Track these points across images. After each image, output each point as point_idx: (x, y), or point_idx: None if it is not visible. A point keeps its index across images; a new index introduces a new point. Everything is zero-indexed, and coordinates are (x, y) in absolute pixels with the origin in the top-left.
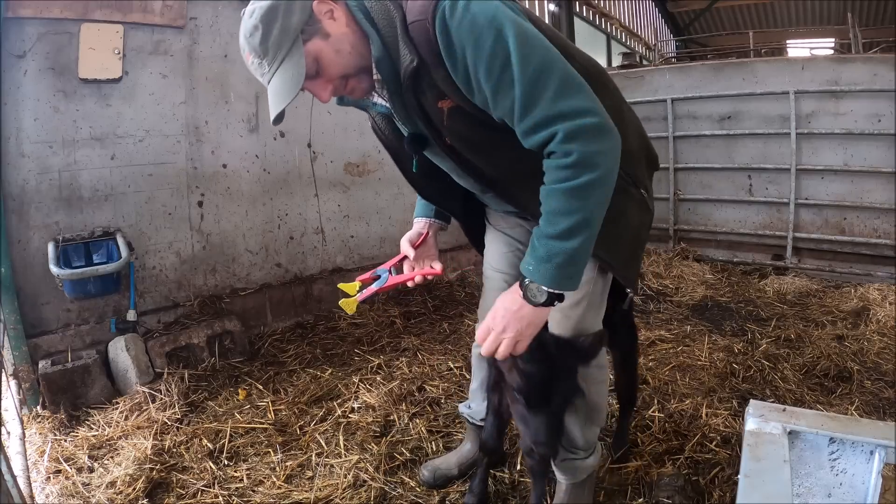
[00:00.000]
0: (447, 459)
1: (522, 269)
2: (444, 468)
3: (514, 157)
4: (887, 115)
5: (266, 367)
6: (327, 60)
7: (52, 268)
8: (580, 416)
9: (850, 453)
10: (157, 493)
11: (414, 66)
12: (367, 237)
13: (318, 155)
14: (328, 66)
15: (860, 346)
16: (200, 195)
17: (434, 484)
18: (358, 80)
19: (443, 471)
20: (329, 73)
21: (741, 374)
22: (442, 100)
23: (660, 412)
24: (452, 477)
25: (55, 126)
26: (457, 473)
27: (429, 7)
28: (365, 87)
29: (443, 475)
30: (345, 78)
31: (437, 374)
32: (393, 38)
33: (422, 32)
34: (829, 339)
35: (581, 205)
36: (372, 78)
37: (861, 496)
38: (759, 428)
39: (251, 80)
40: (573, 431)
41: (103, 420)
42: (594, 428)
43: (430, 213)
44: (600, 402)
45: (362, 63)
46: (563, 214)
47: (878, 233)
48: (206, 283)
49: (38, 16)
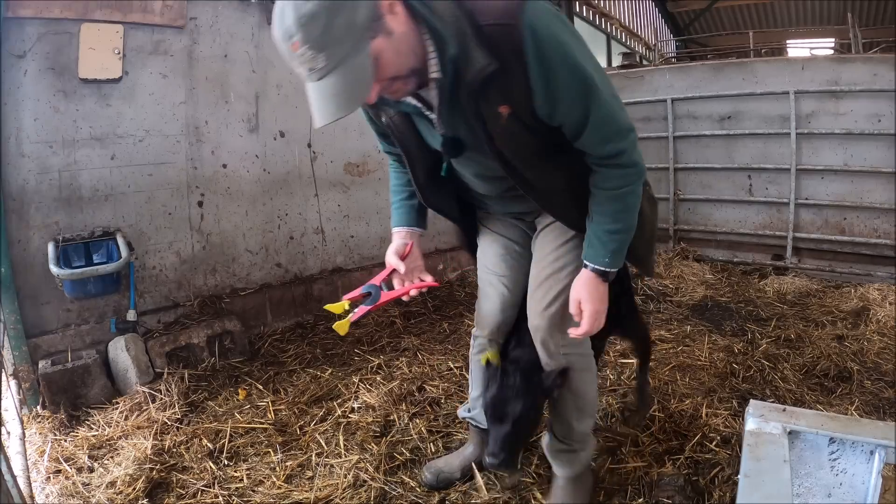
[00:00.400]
0: (450, 462)
1: (584, 256)
2: (447, 471)
3: (553, 167)
4: (887, 115)
5: (266, 367)
6: (385, 61)
7: (52, 268)
8: (570, 406)
9: (850, 453)
10: (157, 493)
11: (491, 71)
12: (367, 237)
13: (318, 155)
14: (385, 66)
15: (860, 346)
16: (200, 195)
17: (436, 486)
18: (405, 81)
19: (445, 473)
20: (382, 74)
21: (741, 374)
22: (503, 105)
23: (660, 412)
24: (455, 480)
25: (55, 126)
26: (459, 476)
27: (514, 10)
28: (410, 88)
29: (445, 478)
30: (394, 79)
31: (437, 374)
32: (461, 38)
33: (503, 35)
34: (829, 339)
35: (634, 203)
36: (419, 79)
37: (861, 496)
38: (759, 428)
39: (251, 80)
40: (569, 421)
41: (103, 420)
42: (585, 420)
43: (412, 222)
44: (587, 390)
45: (416, 65)
46: (623, 212)
47: (878, 233)
48: (206, 283)
49: (38, 16)
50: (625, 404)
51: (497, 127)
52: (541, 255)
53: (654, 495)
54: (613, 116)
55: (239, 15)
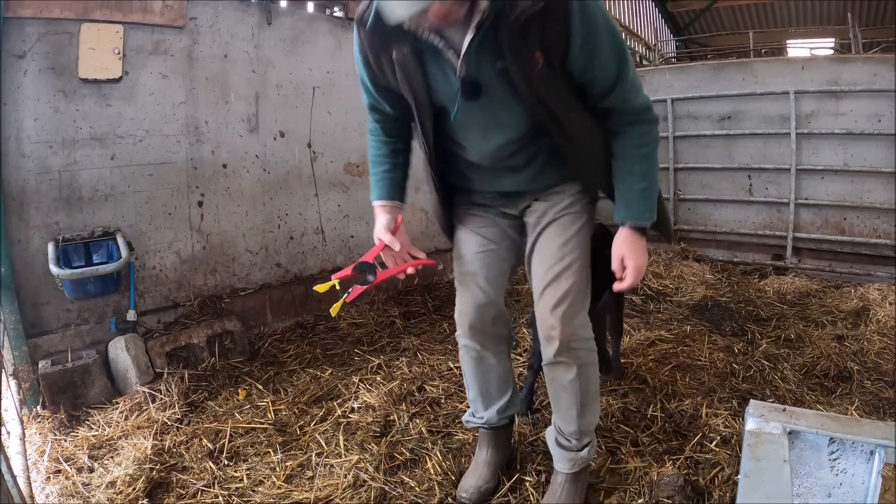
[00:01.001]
0: (481, 474)
1: (623, 217)
2: (485, 486)
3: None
4: (887, 115)
5: (266, 367)
6: None
7: (52, 268)
8: (574, 401)
9: (850, 453)
10: (157, 493)
11: (538, 9)
12: (367, 237)
13: (318, 155)
14: None
15: (860, 346)
16: (200, 195)
17: (480, 500)
18: (460, 5)
19: (485, 489)
20: None
21: (741, 374)
22: (539, 51)
23: (660, 412)
24: (493, 488)
25: (55, 126)
26: (496, 484)
27: None
28: (459, 15)
29: (487, 491)
30: None
31: (437, 374)
32: None
33: None
34: (829, 339)
35: (657, 160)
36: (467, 7)
37: (861, 496)
38: (759, 428)
39: (251, 80)
40: (573, 416)
41: (103, 420)
42: (589, 416)
43: (396, 195)
44: (590, 386)
45: None
46: (650, 169)
47: (878, 233)
48: (206, 283)
49: (38, 16)
50: None
51: (534, 71)
52: (546, 255)
53: (653, 495)
54: (637, 79)
55: (239, 15)
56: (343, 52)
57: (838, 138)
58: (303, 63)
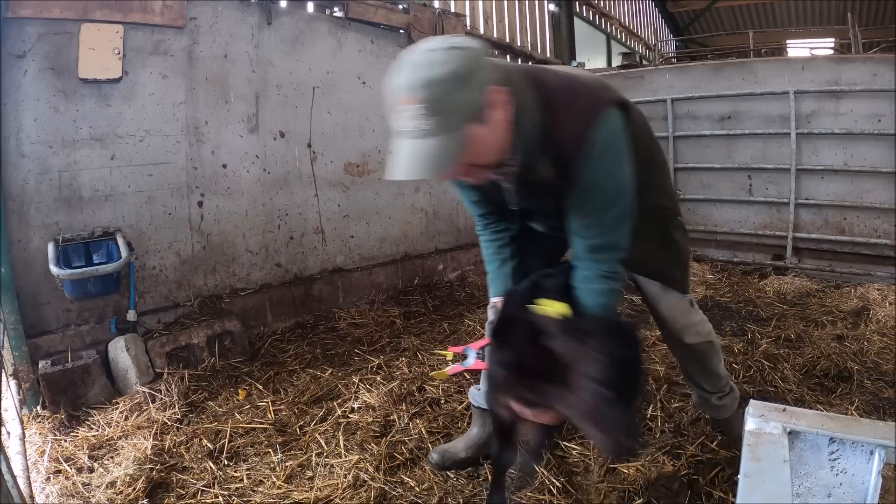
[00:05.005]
0: (455, 444)
1: None
2: (452, 451)
3: None
4: (887, 115)
5: (266, 367)
6: (476, 147)
7: (52, 268)
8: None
9: (850, 453)
10: (157, 493)
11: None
12: (367, 237)
13: (318, 155)
14: (474, 155)
15: (860, 346)
16: (200, 195)
17: (443, 466)
18: (482, 170)
19: (451, 453)
20: (469, 158)
21: (741, 374)
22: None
23: (660, 412)
24: (459, 459)
25: (55, 126)
26: (463, 456)
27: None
28: (485, 177)
29: (451, 457)
30: (475, 166)
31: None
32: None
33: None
34: (829, 339)
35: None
36: (496, 171)
37: (861, 496)
38: (759, 428)
39: (251, 80)
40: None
41: (103, 420)
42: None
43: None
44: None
45: (498, 159)
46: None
47: (878, 233)
48: (206, 283)
49: (38, 16)
50: None
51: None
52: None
53: (652, 495)
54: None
55: (239, 15)
56: (343, 53)
57: (838, 138)
58: (303, 63)
